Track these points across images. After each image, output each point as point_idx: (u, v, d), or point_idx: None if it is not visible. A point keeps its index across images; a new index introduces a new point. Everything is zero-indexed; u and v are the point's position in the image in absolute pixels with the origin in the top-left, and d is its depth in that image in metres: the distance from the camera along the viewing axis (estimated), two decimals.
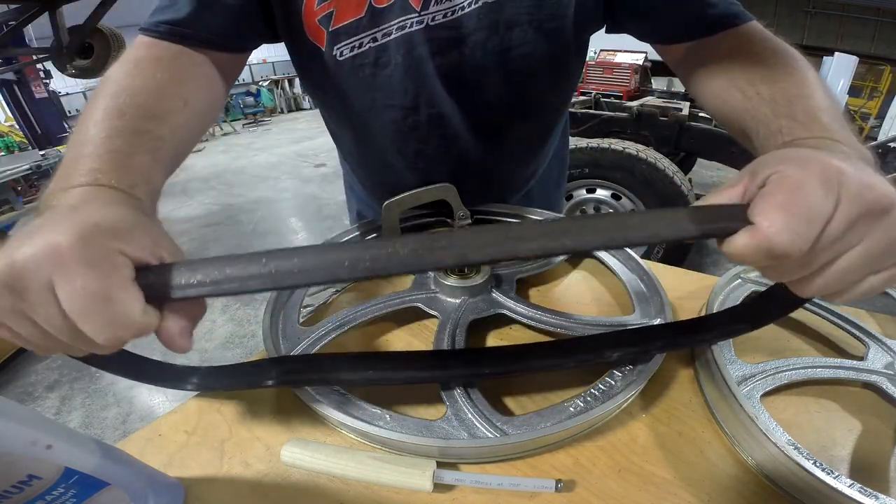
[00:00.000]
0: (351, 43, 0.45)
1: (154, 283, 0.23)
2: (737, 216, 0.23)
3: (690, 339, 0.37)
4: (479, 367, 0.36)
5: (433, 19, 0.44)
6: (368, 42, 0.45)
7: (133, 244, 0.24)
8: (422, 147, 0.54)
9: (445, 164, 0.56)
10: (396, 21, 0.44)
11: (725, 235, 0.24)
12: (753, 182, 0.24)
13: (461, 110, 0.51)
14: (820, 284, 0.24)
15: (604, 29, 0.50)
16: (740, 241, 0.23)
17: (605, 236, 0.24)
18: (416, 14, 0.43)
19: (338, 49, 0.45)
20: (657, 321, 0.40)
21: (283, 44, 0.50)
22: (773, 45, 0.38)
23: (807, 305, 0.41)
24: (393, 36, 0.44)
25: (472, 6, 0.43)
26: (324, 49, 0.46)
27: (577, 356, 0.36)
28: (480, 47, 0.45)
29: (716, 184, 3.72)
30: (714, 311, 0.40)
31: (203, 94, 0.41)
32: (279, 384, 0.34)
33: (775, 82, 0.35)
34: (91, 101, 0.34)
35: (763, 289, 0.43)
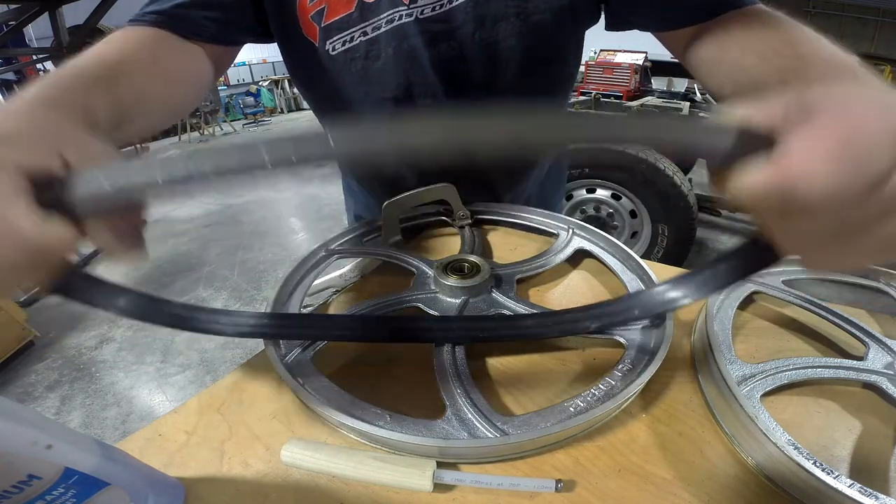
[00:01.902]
0: (343, 37, 0.46)
1: (51, 196, 0.20)
2: (763, 141, 0.18)
3: (668, 303, 0.36)
4: (471, 332, 0.40)
5: (422, 12, 0.45)
6: (359, 36, 0.46)
7: (29, 151, 0.21)
8: None
9: (441, 162, 0.57)
10: (386, 15, 0.45)
11: (736, 158, 0.18)
12: (799, 108, 0.17)
13: (456, 102, 0.51)
14: (830, 259, 0.19)
15: (603, 26, 0.50)
16: (757, 177, 0.17)
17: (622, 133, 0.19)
18: (406, 7, 0.44)
19: (330, 44, 0.46)
20: (656, 322, 0.40)
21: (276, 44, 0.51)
22: (787, 19, 0.36)
23: (807, 305, 0.41)
24: (383, 29, 0.45)
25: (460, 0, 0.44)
26: (317, 45, 0.47)
27: (561, 326, 0.39)
28: (469, 40, 0.46)
29: None
30: (713, 312, 0.40)
31: (181, 63, 0.41)
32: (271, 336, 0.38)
33: (800, 44, 0.32)
34: None
35: (762, 288, 0.43)
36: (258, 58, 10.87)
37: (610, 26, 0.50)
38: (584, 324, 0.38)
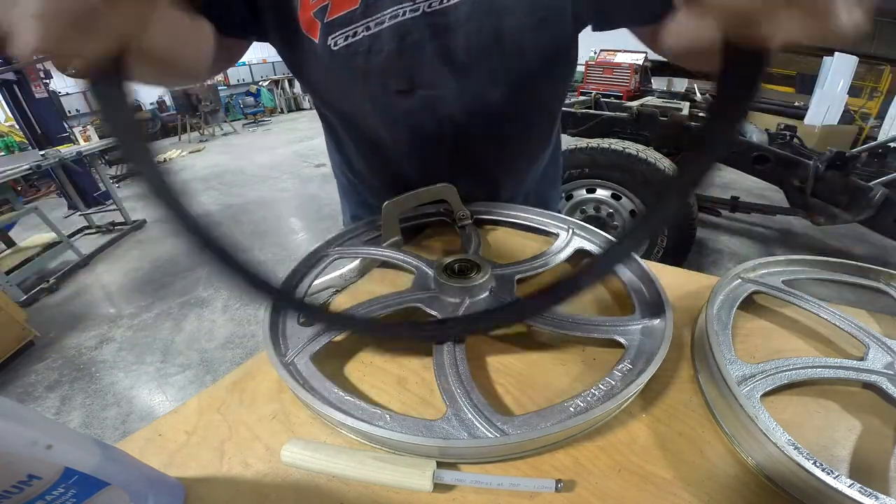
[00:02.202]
0: (345, 33, 0.46)
1: None
2: None
3: (645, 233, 0.34)
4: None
5: (429, 6, 0.45)
6: (362, 31, 0.46)
7: None
8: (417, 133, 0.55)
9: (441, 154, 0.57)
10: (390, 10, 0.45)
11: None
12: None
13: (457, 96, 0.52)
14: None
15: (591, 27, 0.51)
16: None
17: None
18: (411, 3, 0.45)
19: (332, 39, 0.47)
20: (656, 322, 0.40)
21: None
22: None
23: (807, 305, 0.41)
24: (386, 24, 0.46)
25: None
26: (317, 41, 0.47)
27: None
28: (475, 34, 0.47)
29: (716, 184, 3.72)
30: (713, 312, 0.40)
31: (201, 23, 0.40)
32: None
33: None
34: None
35: (762, 288, 0.43)
36: (258, 58, 10.88)
37: (596, 26, 0.51)
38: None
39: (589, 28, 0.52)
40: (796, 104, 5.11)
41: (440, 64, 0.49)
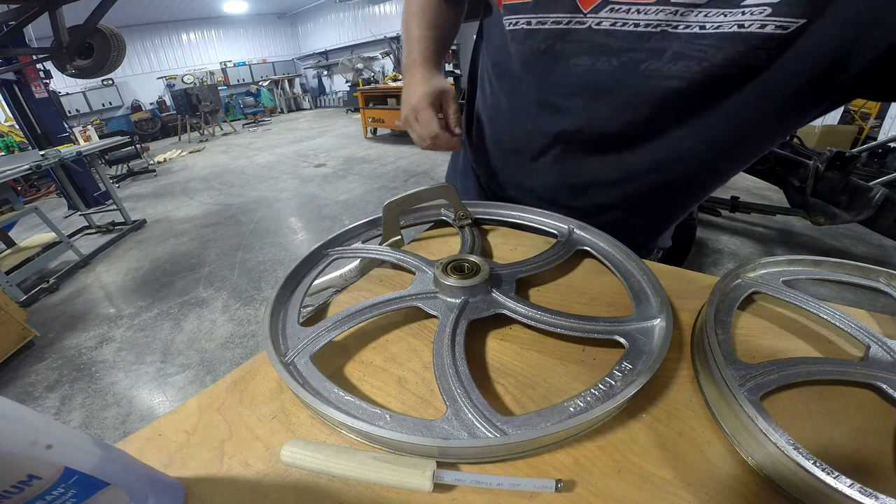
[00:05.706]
0: (512, 19, 0.51)
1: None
2: None
3: None
4: None
5: (598, 24, 0.45)
6: (523, 24, 0.50)
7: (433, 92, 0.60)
8: (526, 129, 0.61)
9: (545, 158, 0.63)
10: (555, 15, 0.47)
11: None
12: None
13: (584, 116, 0.53)
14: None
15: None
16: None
17: None
18: (582, 15, 0.46)
19: (505, 19, 0.53)
20: (656, 322, 0.40)
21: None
22: None
23: (807, 306, 0.41)
24: (546, 26, 0.49)
25: (648, 27, 0.43)
26: (501, 12, 0.54)
27: None
28: (632, 64, 0.46)
29: None
30: (713, 312, 0.40)
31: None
32: None
33: None
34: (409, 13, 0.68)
35: (762, 288, 0.43)
36: (258, 58, 10.89)
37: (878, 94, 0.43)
38: None
39: None
40: None
41: (575, 83, 0.50)
